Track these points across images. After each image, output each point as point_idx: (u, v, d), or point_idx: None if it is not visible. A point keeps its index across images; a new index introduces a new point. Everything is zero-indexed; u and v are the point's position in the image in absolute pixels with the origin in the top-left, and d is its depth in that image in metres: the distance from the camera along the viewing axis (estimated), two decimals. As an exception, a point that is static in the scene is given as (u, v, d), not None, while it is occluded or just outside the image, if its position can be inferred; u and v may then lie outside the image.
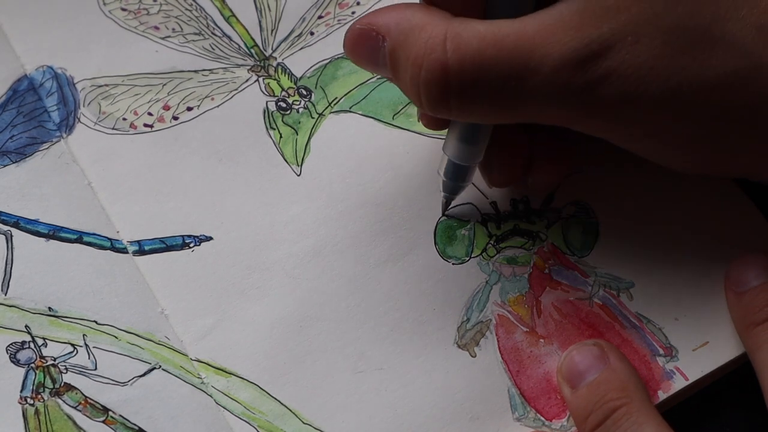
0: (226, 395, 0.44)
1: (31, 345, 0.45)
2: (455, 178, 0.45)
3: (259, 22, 0.53)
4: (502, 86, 0.38)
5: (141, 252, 0.47)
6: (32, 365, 0.45)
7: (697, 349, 0.44)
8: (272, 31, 0.52)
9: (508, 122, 0.41)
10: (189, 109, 0.50)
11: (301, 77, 0.51)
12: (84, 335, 0.45)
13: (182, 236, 0.47)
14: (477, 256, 0.47)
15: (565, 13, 0.38)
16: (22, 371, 0.45)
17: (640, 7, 0.37)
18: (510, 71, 0.38)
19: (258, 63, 0.52)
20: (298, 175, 0.49)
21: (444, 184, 0.46)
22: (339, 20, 0.52)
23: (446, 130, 0.44)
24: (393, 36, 0.40)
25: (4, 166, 0.49)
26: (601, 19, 0.37)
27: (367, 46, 0.40)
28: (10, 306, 0.46)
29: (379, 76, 0.51)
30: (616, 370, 0.42)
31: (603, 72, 0.37)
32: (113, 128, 0.50)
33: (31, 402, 0.44)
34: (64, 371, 0.45)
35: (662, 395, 0.43)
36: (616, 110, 0.38)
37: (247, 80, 0.51)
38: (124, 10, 0.53)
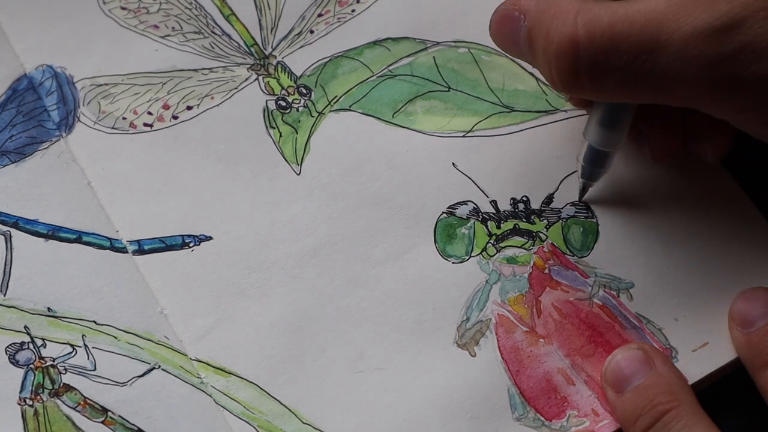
0: (225, 395, 0.44)
1: (30, 346, 0.45)
2: (594, 163, 0.45)
3: (259, 20, 0.52)
4: (633, 60, 0.38)
5: (140, 251, 0.47)
6: (31, 366, 0.45)
7: (696, 350, 0.44)
8: (272, 29, 0.52)
9: (642, 101, 0.41)
10: (189, 108, 0.50)
11: (300, 76, 0.51)
12: (83, 335, 0.45)
13: (182, 236, 0.47)
14: (477, 255, 0.47)
15: None
16: (21, 372, 0.45)
17: None
18: (641, 45, 0.38)
19: (258, 61, 0.51)
20: (298, 174, 0.49)
21: (582, 169, 0.46)
22: (339, 18, 0.52)
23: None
24: (532, 14, 0.40)
25: (4, 166, 0.49)
26: None
27: (510, 26, 0.41)
28: (9, 306, 0.46)
29: (379, 75, 0.51)
30: (662, 373, 0.42)
31: (737, 45, 0.37)
32: (113, 127, 0.50)
33: (30, 403, 0.44)
34: (63, 372, 0.45)
35: (662, 395, 0.43)
36: (748, 85, 0.38)
37: (246, 79, 0.51)
38: (123, 8, 0.53)
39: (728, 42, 0.37)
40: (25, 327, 0.46)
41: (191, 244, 0.47)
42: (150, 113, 0.50)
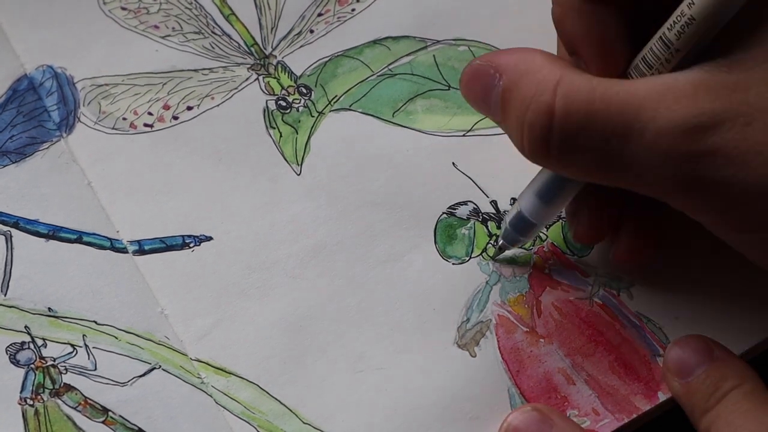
0: (225, 395, 0.44)
1: (31, 346, 0.45)
2: (519, 231, 0.44)
3: (259, 20, 0.52)
4: (605, 143, 0.37)
5: (141, 252, 0.47)
6: (32, 366, 0.45)
7: (697, 350, 0.44)
8: (272, 29, 0.52)
9: (604, 183, 0.40)
10: (189, 108, 0.50)
11: (300, 75, 0.51)
12: (84, 335, 0.45)
13: (182, 236, 0.47)
14: (477, 255, 0.47)
15: (680, 82, 0.37)
16: (21, 372, 0.45)
17: (758, 91, 0.36)
18: (614, 128, 0.37)
19: (258, 61, 0.51)
20: (298, 174, 0.49)
21: (506, 232, 0.45)
22: (339, 18, 0.52)
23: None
24: (509, 75, 0.39)
25: (4, 166, 0.49)
26: (716, 94, 0.36)
27: (483, 83, 0.40)
28: (10, 307, 0.46)
29: (379, 74, 0.51)
30: (725, 359, 0.42)
31: (708, 147, 0.36)
32: (113, 128, 0.50)
33: (31, 403, 0.44)
34: (64, 372, 0.45)
35: (662, 396, 0.43)
36: (714, 190, 0.37)
37: (247, 79, 0.51)
38: (124, 9, 0.53)
39: (701, 142, 0.36)
40: (26, 327, 0.46)
41: (191, 245, 0.47)
42: (150, 113, 0.50)
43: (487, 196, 0.48)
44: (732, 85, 0.36)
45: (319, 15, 0.52)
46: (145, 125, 0.50)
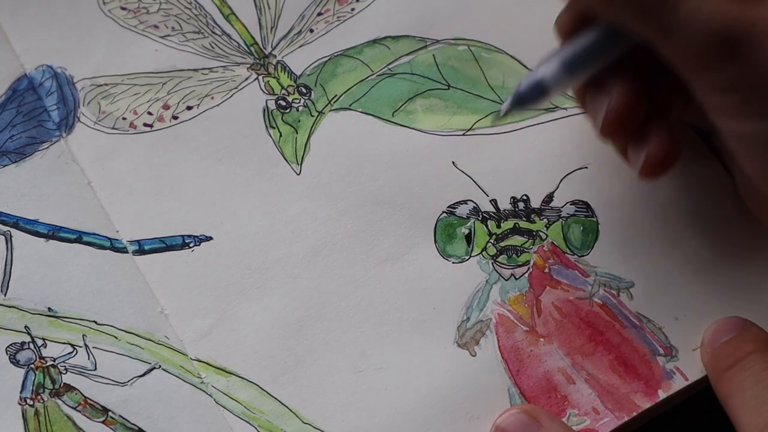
0: (226, 395, 0.44)
1: (31, 346, 0.45)
2: (530, 94, 0.42)
3: (259, 19, 0.52)
4: None
5: (141, 252, 0.47)
6: (32, 366, 0.45)
7: (697, 349, 0.44)
8: (272, 28, 0.52)
9: (637, 33, 0.39)
10: (189, 108, 0.50)
11: (300, 75, 0.51)
12: (84, 335, 0.45)
13: (182, 236, 0.47)
14: (477, 254, 0.47)
15: None
16: (21, 372, 0.45)
17: None
18: None
19: (257, 61, 0.51)
20: (298, 174, 0.49)
21: (515, 94, 0.42)
22: (338, 17, 0.52)
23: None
24: None
25: (4, 166, 0.49)
26: None
27: None
28: (10, 306, 0.46)
29: (378, 73, 0.51)
30: (756, 331, 0.43)
31: (753, 17, 0.36)
32: (113, 128, 0.50)
33: (31, 403, 0.45)
34: (64, 372, 0.45)
35: (662, 395, 0.43)
36: (744, 62, 0.36)
37: (246, 79, 0.51)
38: (123, 9, 0.53)
39: (746, 8, 0.36)
40: (26, 327, 0.46)
41: (191, 245, 0.47)
42: (150, 113, 0.50)
43: (487, 195, 0.48)
44: None
45: (319, 14, 0.52)
46: (145, 125, 0.50)
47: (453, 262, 0.46)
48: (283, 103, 0.50)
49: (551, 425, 0.42)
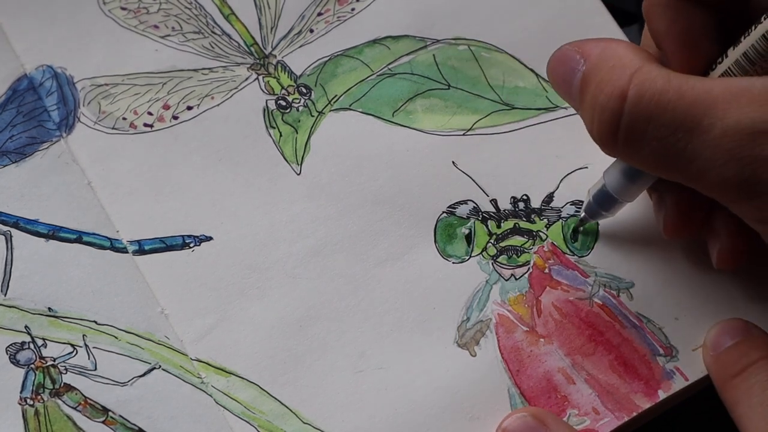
0: (226, 395, 0.44)
1: (31, 345, 0.45)
2: (602, 205, 0.45)
3: (259, 19, 0.52)
4: (671, 134, 0.37)
5: (141, 252, 0.47)
6: (32, 366, 0.45)
7: (697, 349, 0.44)
8: (272, 28, 0.52)
9: (667, 177, 0.40)
10: (189, 108, 0.50)
11: (300, 75, 0.51)
12: (84, 335, 0.45)
13: (182, 236, 0.47)
14: (477, 255, 0.47)
15: (756, 86, 0.37)
16: (21, 372, 0.45)
17: None
18: (683, 121, 0.37)
19: (258, 61, 0.51)
20: (298, 174, 0.49)
21: (588, 206, 0.45)
22: (339, 17, 0.52)
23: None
24: (592, 60, 0.40)
25: (4, 166, 0.49)
26: None
27: (567, 66, 0.41)
28: (10, 306, 0.46)
29: (379, 73, 0.51)
30: (761, 336, 0.43)
31: None
32: (113, 128, 0.50)
33: (31, 403, 0.45)
34: (64, 372, 0.45)
35: (662, 395, 0.43)
36: None
37: (246, 79, 0.51)
38: (123, 9, 0.53)
39: (764, 146, 0.36)
40: (26, 327, 0.46)
41: (191, 245, 0.47)
42: (150, 113, 0.50)
43: (487, 195, 0.48)
44: None
45: (319, 14, 0.52)
46: (145, 125, 0.50)
47: (453, 263, 0.46)
48: (283, 103, 0.50)
49: (557, 428, 0.42)
